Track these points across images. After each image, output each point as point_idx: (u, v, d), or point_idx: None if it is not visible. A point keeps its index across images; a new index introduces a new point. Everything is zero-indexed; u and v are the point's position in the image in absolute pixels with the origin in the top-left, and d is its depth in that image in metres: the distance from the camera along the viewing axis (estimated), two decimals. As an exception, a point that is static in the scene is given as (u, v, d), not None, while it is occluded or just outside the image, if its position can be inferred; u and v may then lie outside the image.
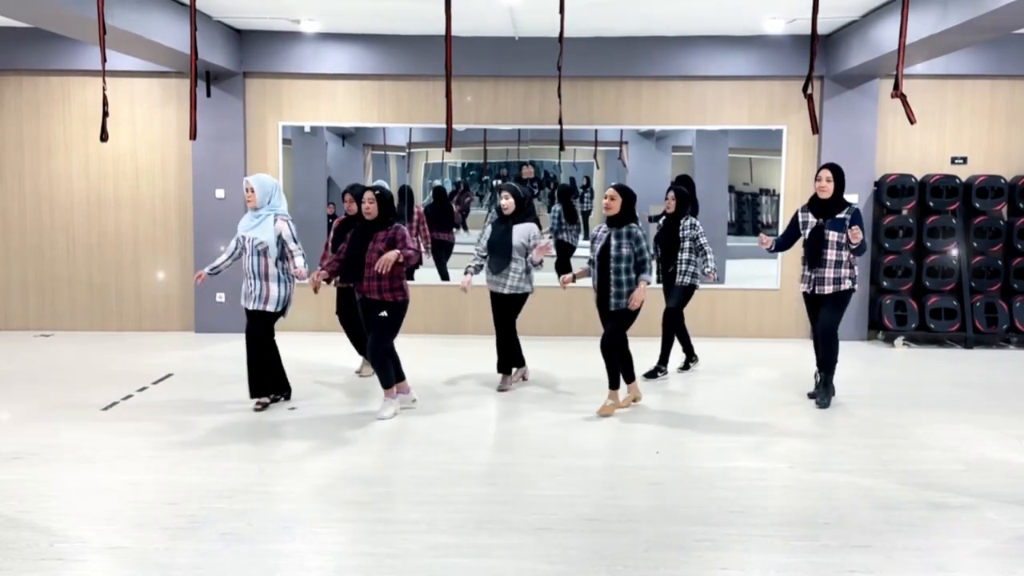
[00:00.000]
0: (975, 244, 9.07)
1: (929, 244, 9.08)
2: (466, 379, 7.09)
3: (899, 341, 9.06)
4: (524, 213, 6.51)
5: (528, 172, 9.52)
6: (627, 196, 5.83)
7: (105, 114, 4.45)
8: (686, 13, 8.15)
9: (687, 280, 6.97)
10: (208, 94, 8.98)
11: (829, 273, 6.06)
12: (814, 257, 6.11)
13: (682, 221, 6.96)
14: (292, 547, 3.73)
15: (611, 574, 3.49)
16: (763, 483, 4.63)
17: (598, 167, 9.58)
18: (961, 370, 7.91)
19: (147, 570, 3.50)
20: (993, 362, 8.31)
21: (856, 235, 5.87)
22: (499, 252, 6.45)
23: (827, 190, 6.06)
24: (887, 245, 9.11)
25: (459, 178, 9.73)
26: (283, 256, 5.92)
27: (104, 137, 4.49)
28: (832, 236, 6.02)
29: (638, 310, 5.84)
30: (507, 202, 6.47)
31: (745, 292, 9.45)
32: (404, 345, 8.69)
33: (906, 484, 4.60)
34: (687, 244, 6.92)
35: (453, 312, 9.44)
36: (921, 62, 8.25)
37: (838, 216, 6.04)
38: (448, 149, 4.65)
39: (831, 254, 6.05)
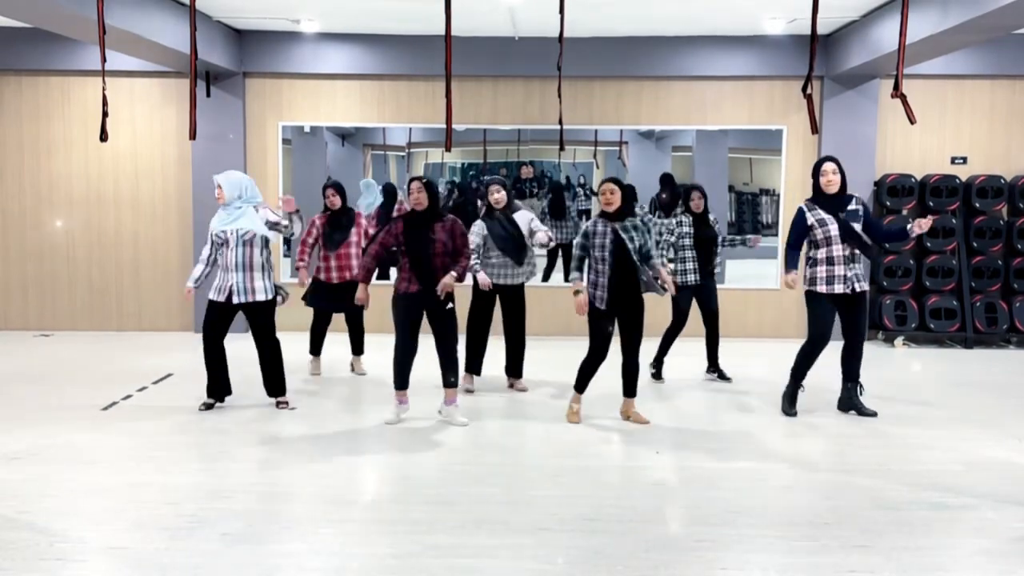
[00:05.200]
0: (975, 244, 9.08)
1: (929, 244, 9.08)
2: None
3: (899, 341, 9.06)
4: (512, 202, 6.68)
5: (527, 172, 9.52)
6: (625, 189, 5.79)
7: (105, 114, 4.45)
8: (686, 13, 8.15)
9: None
10: (208, 94, 8.97)
11: (860, 269, 5.87)
12: (852, 254, 5.81)
13: (709, 218, 7.02)
14: (292, 547, 3.73)
15: (611, 574, 3.49)
16: (763, 483, 4.63)
17: (598, 167, 9.58)
18: (961, 370, 7.91)
19: (147, 570, 3.50)
20: (993, 362, 8.31)
21: (926, 223, 5.67)
22: (514, 243, 6.48)
23: (836, 183, 5.78)
24: (887, 245, 9.10)
25: (455, 178, 9.71)
26: (265, 246, 5.89)
27: (104, 137, 4.50)
28: (857, 229, 5.80)
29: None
30: (500, 195, 6.51)
31: (745, 292, 9.44)
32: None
33: (906, 484, 4.60)
34: (719, 241, 7.09)
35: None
36: (921, 62, 8.25)
37: (849, 208, 5.80)
38: (448, 149, 4.65)
39: (855, 250, 5.84)
